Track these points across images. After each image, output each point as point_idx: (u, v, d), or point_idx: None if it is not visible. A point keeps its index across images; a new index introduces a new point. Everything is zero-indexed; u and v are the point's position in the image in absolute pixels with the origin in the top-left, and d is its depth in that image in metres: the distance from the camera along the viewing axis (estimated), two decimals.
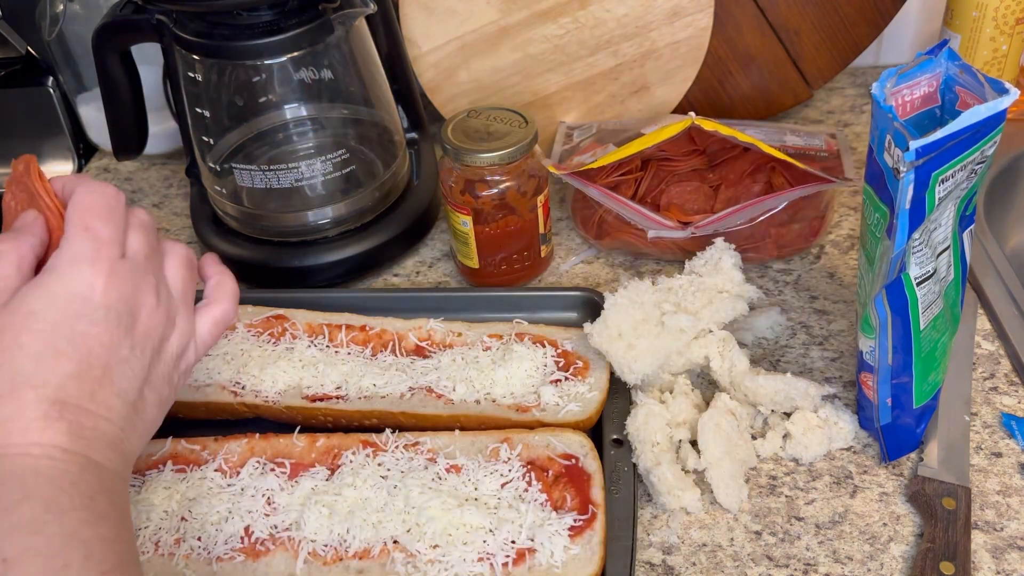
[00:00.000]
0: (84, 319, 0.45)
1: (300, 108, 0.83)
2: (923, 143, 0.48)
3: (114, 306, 0.46)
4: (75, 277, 0.46)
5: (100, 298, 0.46)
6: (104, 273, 0.46)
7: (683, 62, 0.88)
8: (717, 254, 0.72)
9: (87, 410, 0.44)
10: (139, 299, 0.48)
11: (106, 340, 0.46)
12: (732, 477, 0.61)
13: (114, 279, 0.47)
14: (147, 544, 0.58)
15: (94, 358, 0.45)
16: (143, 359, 0.48)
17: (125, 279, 0.47)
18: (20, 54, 1.05)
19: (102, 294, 0.46)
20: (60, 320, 0.45)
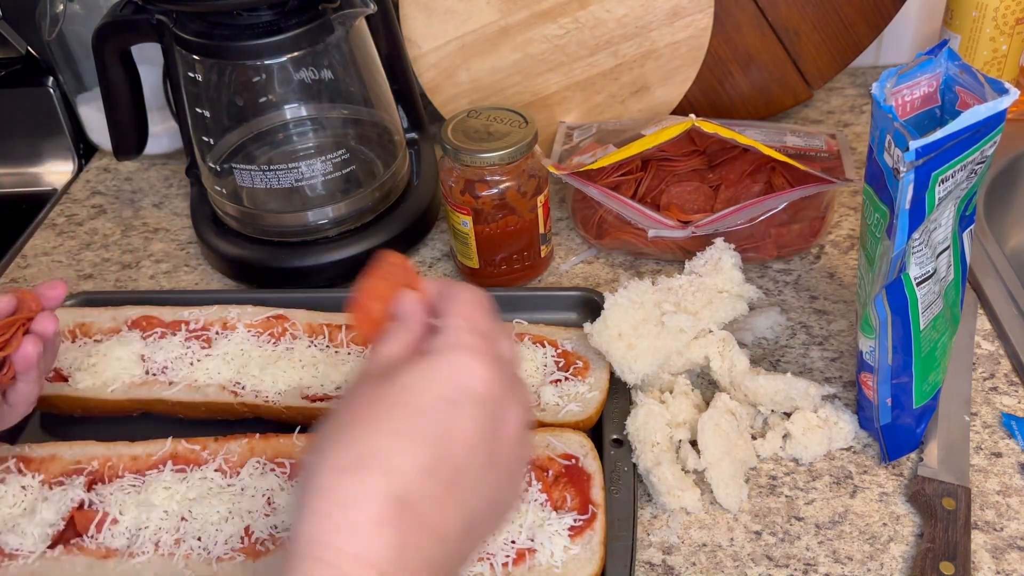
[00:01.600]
0: (457, 408, 0.41)
1: (300, 108, 0.83)
2: (923, 143, 0.48)
3: (488, 404, 0.42)
4: (458, 362, 0.42)
5: (479, 389, 0.42)
6: (486, 365, 0.42)
7: (683, 62, 0.88)
8: (717, 254, 0.72)
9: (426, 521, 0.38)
10: (509, 406, 0.43)
11: (471, 438, 0.41)
12: (732, 477, 0.61)
13: (494, 374, 0.43)
14: (147, 544, 0.58)
15: (453, 456, 0.40)
16: (496, 476, 0.42)
17: (502, 377, 0.43)
18: (20, 54, 1.05)
19: (481, 385, 0.42)
20: (433, 402, 0.41)
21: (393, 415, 0.40)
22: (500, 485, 0.43)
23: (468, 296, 0.46)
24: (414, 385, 0.41)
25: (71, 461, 0.64)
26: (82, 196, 1.01)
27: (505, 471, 0.43)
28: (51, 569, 0.58)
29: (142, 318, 0.74)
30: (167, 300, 0.77)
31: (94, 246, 0.93)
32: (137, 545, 0.58)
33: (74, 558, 0.58)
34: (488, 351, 0.43)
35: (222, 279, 0.87)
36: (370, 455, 0.39)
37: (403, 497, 0.38)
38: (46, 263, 0.92)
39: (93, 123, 1.05)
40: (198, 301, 0.76)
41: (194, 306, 0.75)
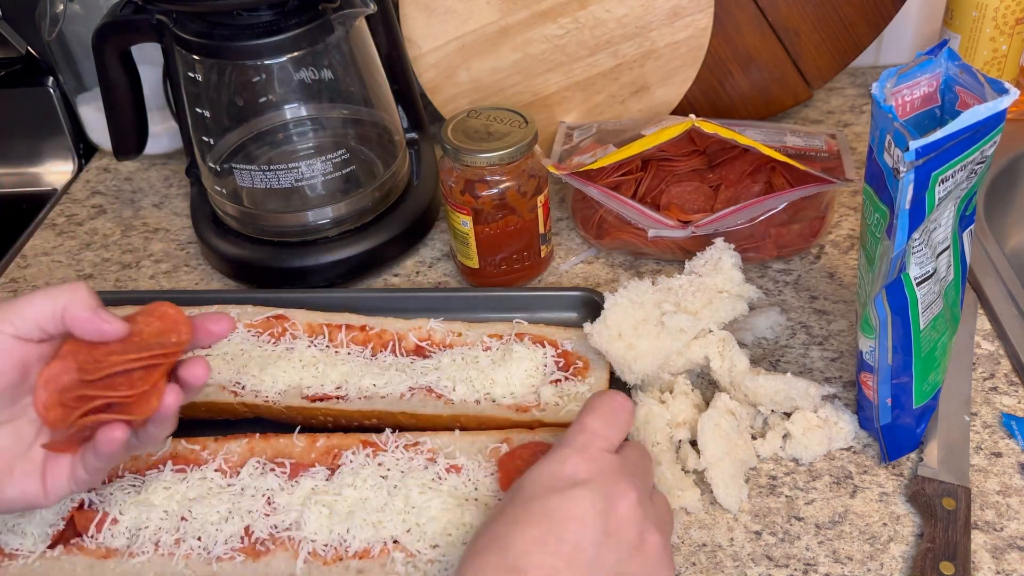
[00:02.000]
0: (562, 493, 0.45)
1: (300, 108, 0.83)
2: (923, 143, 0.48)
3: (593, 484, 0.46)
4: (559, 458, 0.47)
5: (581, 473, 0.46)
6: (587, 459, 0.47)
7: (683, 62, 0.88)
8: (717, 254, 0.72)
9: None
10: (619, 486, 0.46)
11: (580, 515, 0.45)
12: (732, 477, 0.61)
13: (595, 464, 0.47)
14: (147, 544, 0.58)
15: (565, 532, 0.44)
16: (619, 549, 0.45)
17: (608, 468, 0.47)
18: (20, 54, 1.05)
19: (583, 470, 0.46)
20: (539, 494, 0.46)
21: (508, 510, 0.46)
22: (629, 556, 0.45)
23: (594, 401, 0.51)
24: (524, 486, 0.47)
25: None
26: (82, 196, 1.02)
27: (629, 543, 0.45)
28: (51, 569, 0.58)
29: None
30: (167, 300, 0.77)
31: (94, 246, 0.93)
32: (137, 545, 0.58)
33: (74, 558, 0.58)
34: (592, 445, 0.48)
35: (222, 279, 0.87)
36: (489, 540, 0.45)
37: (518, 567, 0.43)
38: (46, 263, 0.92)
39: (93, 123, 1.05)
40: (198, 301, 0.76)
41: (194, 306, 0.75)
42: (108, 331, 0.50)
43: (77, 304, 0.50)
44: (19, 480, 0.51)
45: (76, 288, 0.50)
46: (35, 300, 0.50)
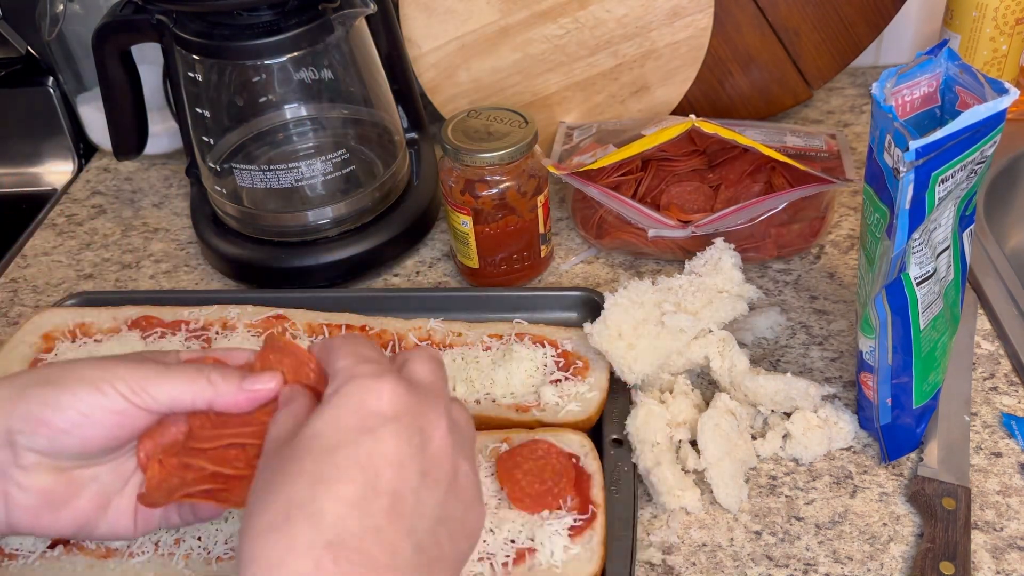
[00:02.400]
0: (369, 434, 0.39)
1: (300, 108, 0.83)
2: (923, 143, 0.48)
3: (403, 419, 0.40)
4: (358, 389, 0.40)
5: (387, 407, 0.40)
6: (389, 382, 0.41)
7: (683, 62, 0.88)
8: (717, 254, 0.72)
9: (369, 555, 0.36)
10: (429, 417, 0.41)
11: (394, 459, 0.39)
12: (732, 477, 0.61)
13: (400, 387, 0.41)
14: (147, 544, 0.58)
15: (382, 482, 0.38)
16: (437, 489, 0.40)
17: (411, 391, 0.41)
18: (20, 54, 1.05)
19: (389, 403, 0.40)
20: (344, 436, 0.39)
21: (308, 463, 0.38)
22: (446, 495, 0.41)
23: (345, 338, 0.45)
24: (322, 428, 0.39)
25: None
26: (82, 196, 1.02)
27: (446, 480, 0.41)
28: (51, 569, 0.58)
29: (142, 318, 0.74)
30: (167, 300, 0.77)
31: (94, 246, 0.93)
32: (137, 545, 0.58)
33: (74, 558, 0.58)
34: (386, 371, 0.42)
35: (222, 279, 0.87)
36: (293, 507, 0.37)
37: (336, 540, 0.36)
38: (46, 263, 0.92)
39: (93, 123, 1.05)
40: (198, 301, 0.76)
41: (194, 306, 0.75)
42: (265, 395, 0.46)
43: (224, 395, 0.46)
44: (112, 517, 0.49)
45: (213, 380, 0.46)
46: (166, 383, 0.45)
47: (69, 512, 0.47)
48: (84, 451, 0.46)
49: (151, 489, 0.47)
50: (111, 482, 0.48)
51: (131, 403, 0.45)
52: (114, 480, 0.48)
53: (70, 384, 0.44)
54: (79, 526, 0.48)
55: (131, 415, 0.45)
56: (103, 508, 0.48)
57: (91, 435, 0.45)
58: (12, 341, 0.72)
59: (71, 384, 0.44)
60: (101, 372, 0.45)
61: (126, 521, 0.49)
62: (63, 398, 0.44)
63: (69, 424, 0.44)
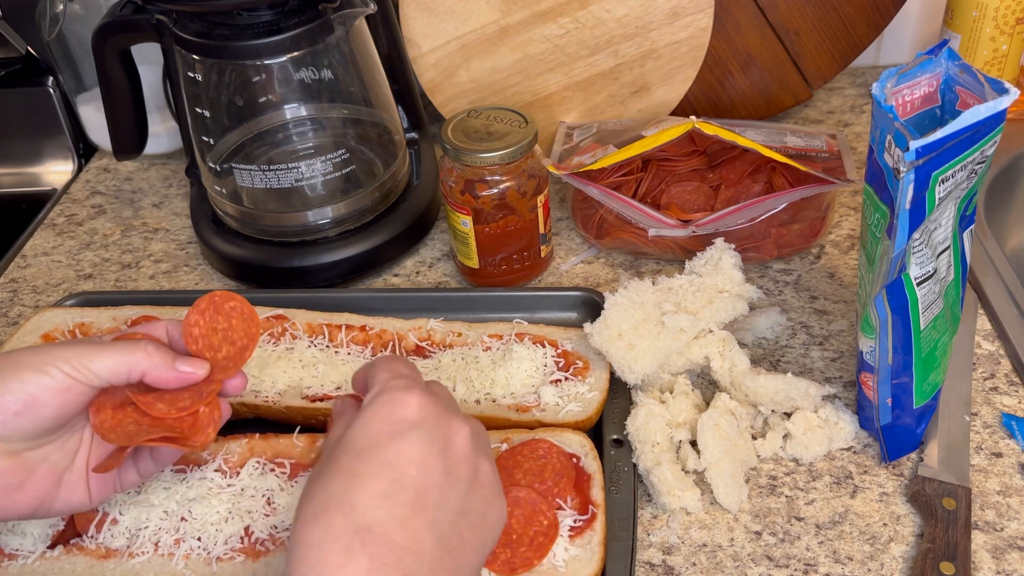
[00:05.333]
0: (397, 438, 0.44)
1: (300, 108, 0.83)
2: (923, 143, 0.48)
3: (427, 424, 0.45)
4: (388, 400, 0.46)
5: (414, 415, 0.45)
6: (416, 394, 0.46)
7: (683, 62, 0.88)
8: (717, 254, 0.72)
9: (394, 541, 0.41)
10: (452, 424, 0.47)
11: (419, 458, 0.44)
12: (732, 477, 0.61)
13: (426, 398, 0.46)
14: (147, 544, 0.58)
15: (407, 479, 0.43)
16: (459, 486, 0.45)
17: (436, 402, 0.47)
18: (20, 54, 1.05)
19: (416, 411, 0.46)
20: (375, 440, 0.44)
21: (344, 463, 0.44)
22: (467, 491, 0.46)
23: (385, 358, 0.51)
24: (358, 433, 0.45)
25: None
26: (82, 196, 1.02)
27: (467, 478, 0.46)
28: (51, 569, 0.58)
29: (142, 318, 0.74)
30: (167, 300, 0.77)
31: (94, 246, 0.93)
32: (137, 545, 0.58)
33: (74, 558, 0.58)
34: (415, 385, 0.47)
35: (222, 279, 0.87)
36: (330, 501, 0.42)
37: (365, 526, 0.41)
38: (46, 263, 0.92)
39: (93, 123, 1.05)
40: None
41: None
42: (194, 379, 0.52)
43: (159, 369, 0.51)
44: (66, 491, 0.52)
45: (149, 353, 0.51)
46: (105, 358, 0.50)
47: (25, 494, 0.51)
48: (36, 430, 0.50)
49: (107, 432, 0.50)
50: (60, 459, 0.52)
51: (74, 380, 0.49)
52: (62, 457, 0.52)
53: (15, 370, 0.49)
54: (36, 505, 0.51)
55: (75, 391, 0.50)
56: (56, 485, 0.52)
57: (42, 414, 0.49)
58: (12, 341, 0.72)
59: (16, 370, 0.49)
60: (43, 356, 0.49)
61: (80, 493, 0.53)
62: (11, 384, 0.48)
63: (21, 405, 0.48)
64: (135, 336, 0.53)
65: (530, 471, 0.60)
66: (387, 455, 0.44)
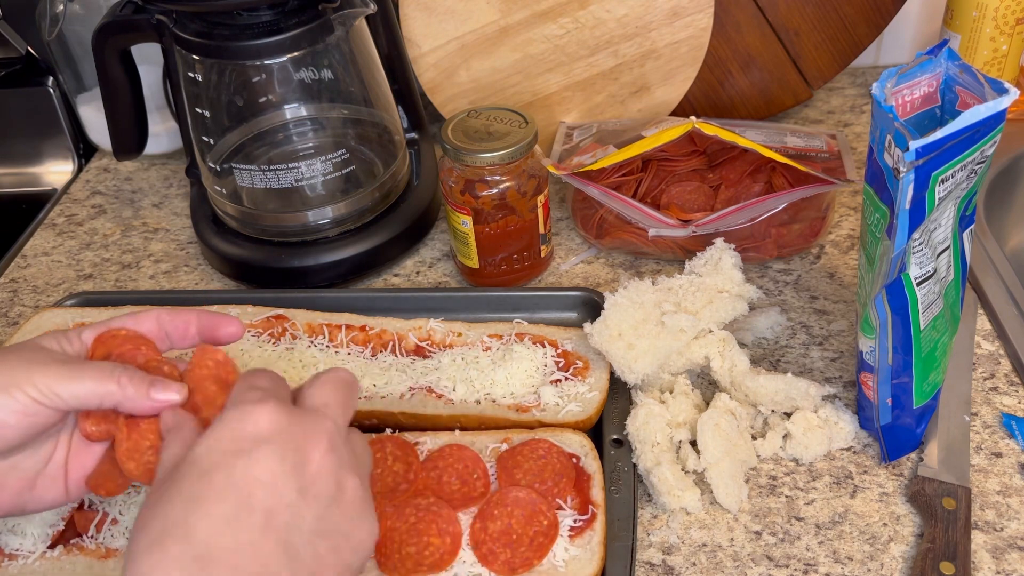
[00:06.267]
0: (243, 456, 0.41)
1: (300, 108, 0.83)
2: (923, 143, 0.48)
3: (279, 439, 0.42)
4: (236, 416, 0.42)
5: (264, 429, 0.42)
6: (269, 406, 0.43)
7: (683, 62, 0.88)
8: (717, 254, 0.72)
9: (239, 567, 0.38)
10: (310, 437, 0.43)
11: (267, 478, 0.40)
12: (732, 477, 0.61)
13: (280, 411, 0.43)
14: None
15: (254, 500, 0.40)
16: (316, 505, 0.41)
17: (293, 416, 0.43)
18: (20, 54, 1.05)
19: (266, 425, 0.42)
20: (219, 461, 0.41)
21: (185, 486, 0.40)
22: (327, 510, 0.42)
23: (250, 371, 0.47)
24: (200, 453, 0.41)
25: None
26: (82, 196, 1.02)
27: (327, 495, 0.42)
28: (51, 569, 0.58)
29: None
30: (167, 300, 0.77)
31: (94, 246, 0.93)
32: None
33: (74, 558, 0.58)
34: (269, 397, 0.43)
35: (222, 279, 0.87)
36: (167, 528, 0.39)
37: (205, 554, 0.38)
38: (46, 263, 0.92)
39: (93, 123, 1.05)
40: (198, 301, 0.76)
41: (194, 306, 0.75)
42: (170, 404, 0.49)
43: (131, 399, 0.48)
44: (40, 492, 0.50)
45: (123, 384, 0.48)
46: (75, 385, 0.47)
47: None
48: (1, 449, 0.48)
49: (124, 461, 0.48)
50: (31, 466, 0.50)
51: (41, 404, 0.47)
52: (34, 463, 0.50)
53: None
54: (8, 509, 0.50)
55: (42, 415, 0.47)
56: (29, 488, 0.50)
57: (6, 435, 0.47)
58: (12, 341, 0.72)
59: None
60: (10, 378, 0.46)
61: (55, 491, 0.51)
62: None
63: None
64: (119, 333, 0.51)
65: (530, 471, 0.60)
66: (232, 476, 0.40)
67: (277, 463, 0.41)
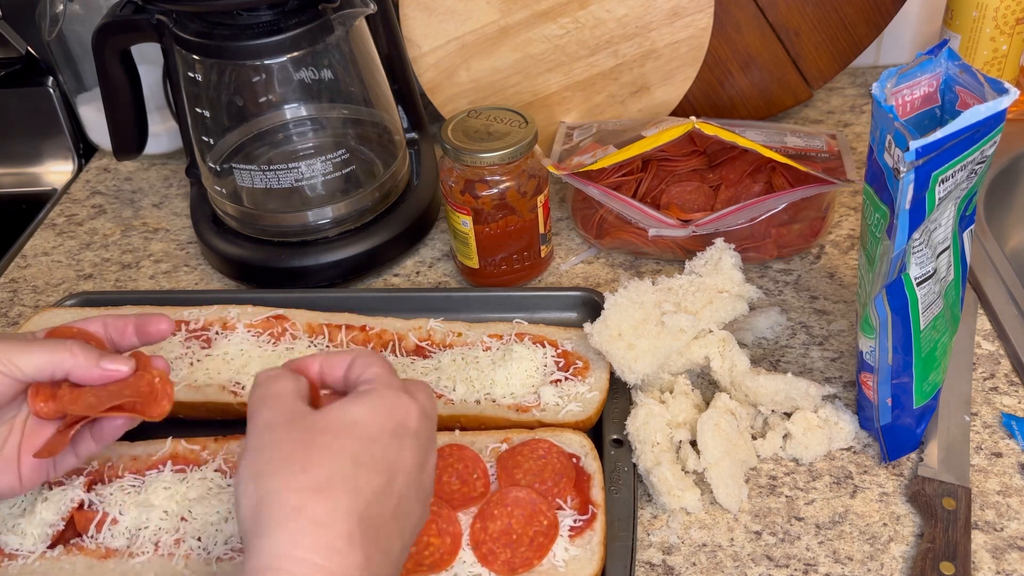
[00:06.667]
0: (398, 440, 0.44)
1: (300, 108, 0.83)
2: (923, 143, 0.48)
3: (420, 439, 0.46)
4: (395, 399, 0.46)
5: (414, 425, 0.46)
6: (416, 406, 0.46)
7: (683, 62, 0.88)
8: (717, 254, 0.72)
9: (379, 542, 0.42)
10: (432, 442, 0.47)
11: (410, 468, 0.44)
12: (732, 477, 0.61)
13: (422, 415, 0.47)
14: (147, 544, 0.58)
15: (397, 483, 0.44)
16: (419, 505, 0.46)
17: (426, 421, 0.47)
18: (20, 54, 1.05)
19: (416, 422, 0.46)
20: (379, 434, 0.44)
21: (348, 444, 0.43)
22: (421, 513, 0.46)
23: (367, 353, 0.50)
24: (362, 418, 0.44)
25: None
26: (82, 196, 1.02)
27: (423, 502, 0.47)
28: (51, 569, 0.58)
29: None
30: (167, 300, 0.77)
31: (94, 246, 0.93)
32: (137, 545, 0.58)
33: (74, 558, 0.58)
34: (410, 393, 0.47)
35: (222, 279, 0.87)
36: (337, 477, 0.41)
37: (367, 517, 0.41)
38: (46, 263, 0.92)
39: (93, 123, 1.05)
40: (198, 301, 0.76)
41: (194, 306, 0.75)
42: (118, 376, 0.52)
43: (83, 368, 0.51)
44: None
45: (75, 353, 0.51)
46: (32, 355, 0.51)
47: None
48: None
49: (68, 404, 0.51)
50: None
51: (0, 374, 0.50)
52: None
53: None
54: None
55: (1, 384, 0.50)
56: None
57: None
58: None
59: None
60: None
61: (8, 478, 0.53)
62: None
63: None
64: (70, 330, 0.54)
65: (530, 471, 0.60)
66: (387, 453, 0.44)
67: (417, 458, 0.45)
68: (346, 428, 0.44)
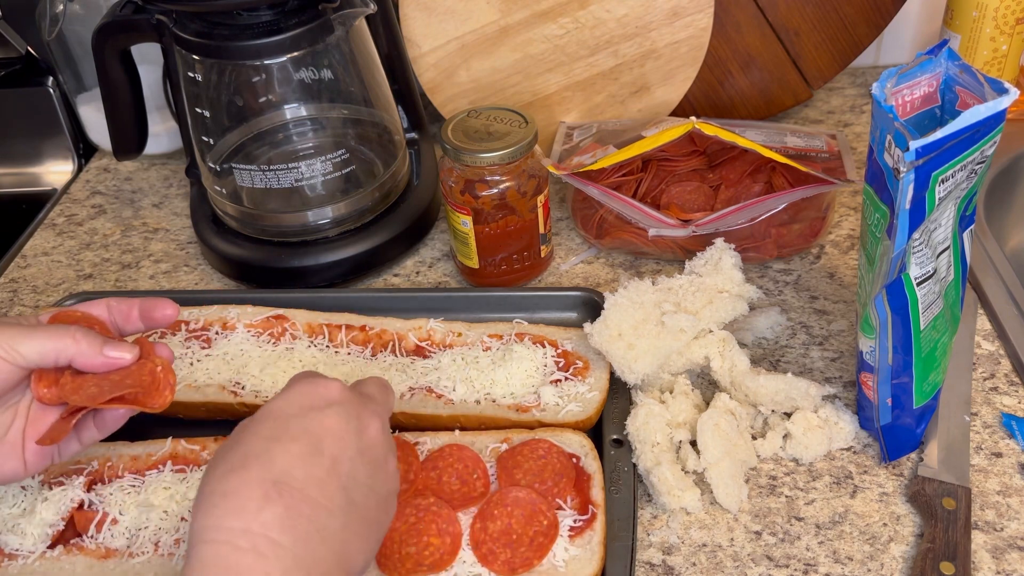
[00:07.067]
0: (316, 411, 0.47)
1: (300, 108, 0.83)
2: (923, 143, 0.48)
3: (346, 407, 0.48)
4: (309, 381, 0.49)
5: (335, 395, 0.48)
6: (337, 384, 0.49)
7: (683, 62, 0.88)
8: (717, 254, 0.72)
9: (308, 495, 0.44)
10: (367, 413, 0.49)
11: (336, 431, 0.47)
12: (732, 477, 0.61)
13: (345, 389, 0.50)
14: (147, 544, 0.58)
15: (324, 445, 0.46)
16: (369, 466, 0.48)
17: (355, 393, 0.50)
18: (20, 54, 1.05)
19: (336, 393, 0.49)
20: (297, 410, 0.47)
21: (266, 426, 0.46)
22: (376, 472, 0.48)
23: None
24: (280, 405, 0.48)
25: (70, 461, 0.64)
26: (82, 196, 1.02)
27: (375, 463, 0.48)
28: (51, 569, 0.58)
29: None
30: (167, 300, 0.77)
31: (94, 246, 0.93)
32: (137, 545, 0.58)
33: (74, 558, 0.58)
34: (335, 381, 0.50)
35: (222, 279, 0.87)
36: (248, 457, 0.44)
37: (282, 480, 0.43)
38: (46, 263, 0.92)
39: (93, 123, 1.05)
40: (198, 301, 0.76)
41: (194, 306, 0.75)
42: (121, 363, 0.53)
43: (86, 355, 0.52)
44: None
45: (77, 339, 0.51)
46: (34, 341, 0.51)
47: None
48: None
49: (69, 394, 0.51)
50: None
51: (3, 361, 0.50)
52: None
53: None
54: None
55: (3, 371, 0.50)
56: None
57: None
58: None
59: None
60: None
61: (13, 463, 0.53)
62: None
63: None
64: (74, 314, 0.54)
65: (530, 471, 0.60)
66: (306, 423, 0.46)
67: (344, 421, 0.47)
68: (263, 415, 0.47)
